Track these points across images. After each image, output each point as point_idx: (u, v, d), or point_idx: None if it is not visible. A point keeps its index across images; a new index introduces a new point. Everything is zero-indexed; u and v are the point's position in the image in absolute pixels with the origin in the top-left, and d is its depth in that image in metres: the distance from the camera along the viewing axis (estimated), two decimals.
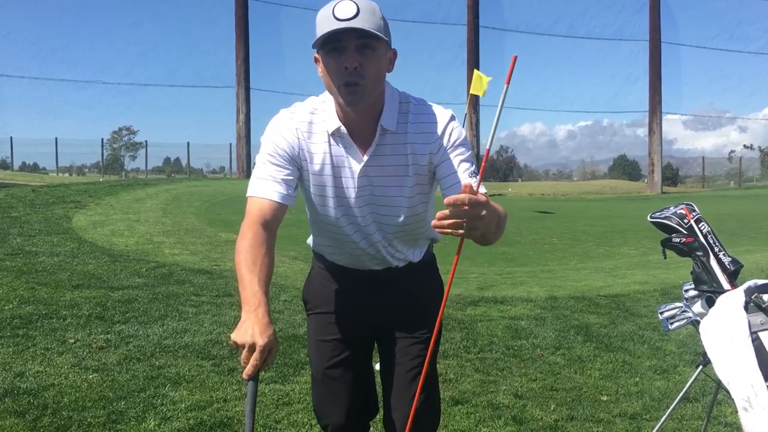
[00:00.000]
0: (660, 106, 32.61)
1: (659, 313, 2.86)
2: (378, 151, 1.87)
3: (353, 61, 1.73)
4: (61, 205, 12.50)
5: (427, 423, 2.08)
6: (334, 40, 1.73)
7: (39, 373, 3.96)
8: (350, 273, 2.09)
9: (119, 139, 57.76)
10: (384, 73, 1.83)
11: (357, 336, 2.10)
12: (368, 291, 2.08)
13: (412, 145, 1.87)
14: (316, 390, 2.16)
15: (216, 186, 20.53)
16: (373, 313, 2.08)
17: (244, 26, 29.51)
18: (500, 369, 4.36)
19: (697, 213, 2.80)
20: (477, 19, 31.61)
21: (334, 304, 2.11)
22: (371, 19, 1.72)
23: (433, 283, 2.17)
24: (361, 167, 1.88)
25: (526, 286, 7.17)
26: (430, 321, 2.10)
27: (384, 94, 1.87)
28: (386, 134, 1.87)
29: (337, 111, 1.87)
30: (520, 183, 47.47)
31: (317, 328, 2.14)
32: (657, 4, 32.43)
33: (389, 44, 1.81)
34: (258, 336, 1.58)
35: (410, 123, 1.88)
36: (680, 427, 3.50)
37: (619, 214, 17.80)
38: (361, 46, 1.73)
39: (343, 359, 2.09)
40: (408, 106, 1.90)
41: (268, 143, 1.90)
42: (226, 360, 4.33)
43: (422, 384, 2.04)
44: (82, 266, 7.36)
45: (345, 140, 1.88)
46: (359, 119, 1.85)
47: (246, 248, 1.73)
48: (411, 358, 2.05)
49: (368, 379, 2.18)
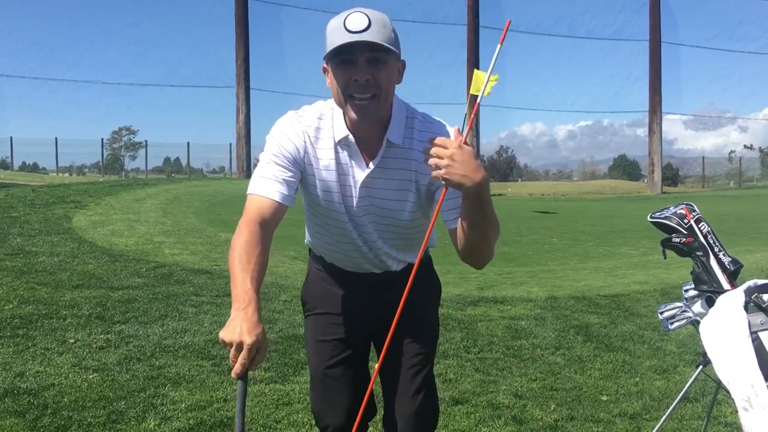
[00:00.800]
0: (660, 106, 32.62)
1: (659, 313, 2.86)
2: (383, 164, 1.87)
3: (364, 74, 1.72)
4: (61, 205, 12.50)
5: (427, 422, 2.09)
6: (345, 52, 1.71)
7: (39, 373, 3.96)
8: (349, 275, 2.09)
9: (119, 139, 57.73)
10: (394, 84, 1.82)
11: (356, 336, 2.10)
12: (367, 292, 2.08)
13: (418, 163, 1.86)
14: (315, 391, 2.16)
15: (216, 186, 20.54)
16: (372, 314, 2.08)
17: (244, 26, 29.51)
18: (500, 369, 4.36)
19: (697, 213, 2.80)
20: (477, 19, 31.61)
21: (333, 305, 2.11)
22: (383, 32, 1.71)
23: (430, 283, 2.18)
24: (365, 177, 1.87)
25: (526, 286, 7.17)
26: (428, 321, 2.11)
27: (392, 106, 1.85)
28: (392, 147, 1.86)
29: (345, 118, 1.86)
30: (520, 183, 47.48)
31: (316, 328, 2.14)
32: (657, 4, 32.44)
33: (399, 56, 1.80)
34: (246, 334, 1.57)
35: (415, 139, 1.87)
36: (680, 427, 3.50)
37: (619, 214, 17.81)
38: (372, 59, 1.72)
39: (342, 360, 2.09)
40: (413, 122, 1.89)
41: (273, 143, 1.88)
42: (226, 360, 4.33)
43: (422, 383, 2.05)
44: (82, 266, 7.36)
45: (351, 148, 1.87)
46: (367, 129, 1.84)
47: (241, 245, 1.72)
48: (410, 357, 2.05)
49: (367, 379, 2.18)
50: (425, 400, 2.05)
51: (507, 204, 21.14)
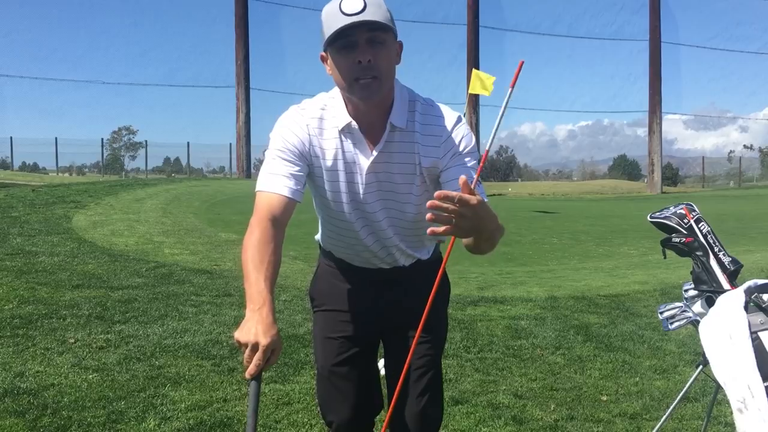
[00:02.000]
0: (660, 106, 32.58)
1: (659, 313, 2.86)
2: (386, 148, 1.87)
3: (366, 54, 1.71)
4: (61, 205, 12.49)
5: (431, 422, 2.08)
6: (344, 35, 1.71)
7: (39, 373, 3.96)
8: (358, 271, 2.08)
9: (119, 139, 57.74)
10: (395, 65, 1.82)
11: (364, 333, 2.09)
12: (376, 289, 2.08)
13: (419, 146, 1.87)
14: (321, 387, 2.15)
15: (216, 186, 20.53)
16: (381, 311, 2.07)
17: (244, 26, 29.49)
18: (500, 369, 4.36)
19: (697, 213, 2.80)
20: (477, 19, 31.58)
21: (342, 301, 2.10)
22: (379, 12, 1.71)
23: (441, 283, 2.17)
24: (370, 163, 1.87)
25: (526, 286, 7.17)
26: (437, 320, 2.09)
27: (393, 89, 1.86)
28: (395, 131, 1.86)
29: (347, 106, 1.86)
30: (520, 183, 47.45)
31: (324, 325, 2.13)
32: (657, 4, 32.41)
33: (396, 36, 1.81)
34: (261, 335, 1.56)
35: (418, 122, 1.88)
36: (680, 427, 3.50)
37: (619, 214, 17.80)
38: (371, 39, 1.72)
39: (350, 356, 2.08)
40: (415, 105, 1.89)
41: (277, 139, 1.88)
42: (226, 360, 4.33)
43: (427, 385, 2.04)
44: (82, 266, 7.36)
45: (355, 135, 1.87)
46: (369, 114, 1.84)
47: (254, 245, 1.71)
48: (418, 356, 2.04)
49: (374, 375, 2.17)
50: (429, 402, 2.05)
51: (507, 204, 21.13)
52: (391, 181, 1.90)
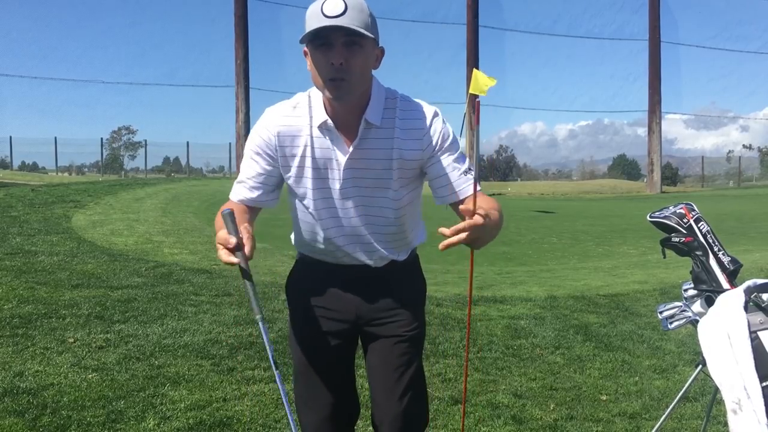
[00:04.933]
0: (659, 106, 32.59)
1: (658, 313, 2.86)
2: (363, 144, 1.89)
3: (339, 57, 1.75)
4: (61, 204, 12.49)
5: (414, 421, 2.07)
6: (321, 36, 1.75)
7: (38, 373, 3.96)
8: (332, 269, 2.08)
9: (119, 138, 57.75)
10: (370, 69, 1.85)
11: (338, 331, 2.08)
12: (351, 287, 2.07)
13: (398, 141, 1.90)
14: (297, 386, 2.15)
15: (215, 185, 20.51)
16: (356, 310, 2.07)
17: (243, 26, 29.49)
18: (500, 368, 4.36)
19: (697, 212, 2.80)
20: (477, 18, 31.57)
21: (316, 299, 2.09)
22: (359, 17, 1.74)
23: (417, 281, 2.17)
24: (347, 159, 1.90)
25: (525, 286, 7.17)
26: (415, 319, 2.09)
27: (371, 89, 1.89)
28: (371, 128, 1.89)
29: (324, 104, 1.90)
30: (519, 182, 47.46)
31: (299, 322, 2.13)
32: (657, 4, 32.41)
33: (377, 42, 1.84)
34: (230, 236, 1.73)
35: (397, 118, 1.90)
36: (680, 426, 3.50)
37: (618, 213, 17.81)
38: (348, 42, 1.76)
39: (325, 355, 2.08)
40: (395, 102, 1.93)
41: (250, 141, 1.98)
42: (226, 359, 4.33)
43: (409, 383, 2.04)
44: (81, 266, 7.36)
45: (332, 133, 1.90)
46: (345, 113, 1.88)
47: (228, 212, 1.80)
48: (397, 356, 2.03)
49: (351, 376, 2.17)
50: (412, 401, 2.04)
51: (506, 204, 21.12)
52: (367, 177, 1.93)
